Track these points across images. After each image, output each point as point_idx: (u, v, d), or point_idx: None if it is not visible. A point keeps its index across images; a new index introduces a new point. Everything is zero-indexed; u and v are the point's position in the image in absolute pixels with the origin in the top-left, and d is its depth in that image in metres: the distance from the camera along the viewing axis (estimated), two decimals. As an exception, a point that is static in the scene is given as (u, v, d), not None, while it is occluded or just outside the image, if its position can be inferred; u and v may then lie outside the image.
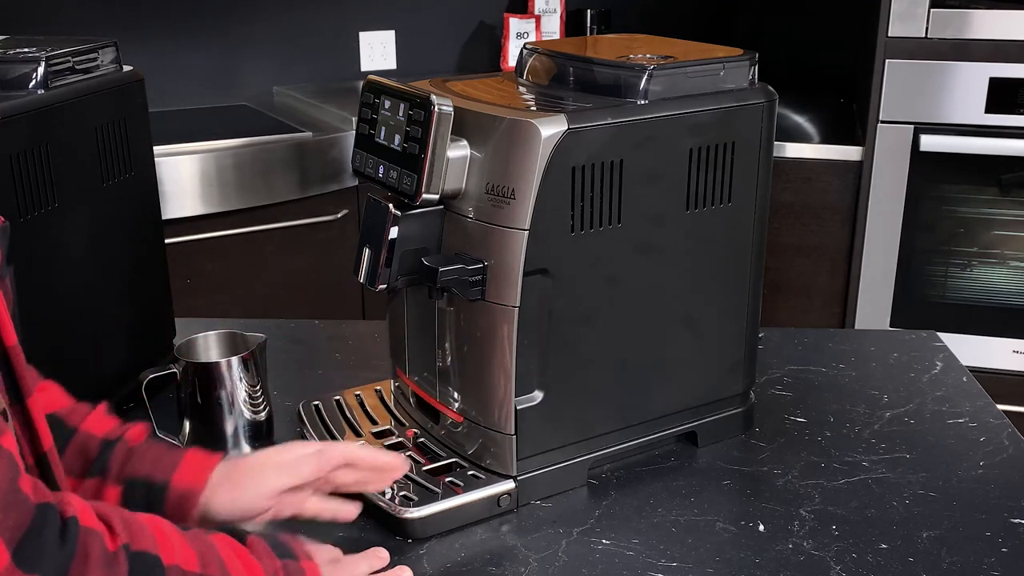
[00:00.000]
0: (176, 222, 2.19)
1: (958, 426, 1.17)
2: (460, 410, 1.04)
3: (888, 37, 2.24)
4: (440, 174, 0.94)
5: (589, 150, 0.94)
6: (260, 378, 1.08)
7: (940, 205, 2.33)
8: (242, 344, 1.10)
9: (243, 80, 2.86)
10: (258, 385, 1.08)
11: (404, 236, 0.97)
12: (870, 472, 1.07)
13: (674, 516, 1.00)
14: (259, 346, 1.08)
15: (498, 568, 0.92)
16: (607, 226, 0.97)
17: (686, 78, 1.01)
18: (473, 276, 0.95)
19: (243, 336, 1.11)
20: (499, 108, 0.96)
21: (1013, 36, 2.18)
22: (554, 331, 0.98)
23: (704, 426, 1.12)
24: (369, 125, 1.01)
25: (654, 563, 0.92)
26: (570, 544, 0.95)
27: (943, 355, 1.35)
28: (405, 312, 1.10)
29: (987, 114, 2.22)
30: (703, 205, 1.03)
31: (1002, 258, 2.35)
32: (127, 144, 1.18)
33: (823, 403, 1.22)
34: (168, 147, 2.18)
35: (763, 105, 1.04)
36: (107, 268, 1.16)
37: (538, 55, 1.09)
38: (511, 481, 1.01)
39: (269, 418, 1.11)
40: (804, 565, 0.92)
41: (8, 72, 1.05)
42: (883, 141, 2.30)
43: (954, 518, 0.99)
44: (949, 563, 0.92)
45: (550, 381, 1.00)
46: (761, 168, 1.06)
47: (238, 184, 2.28)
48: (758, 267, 1.10)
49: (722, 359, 1.11)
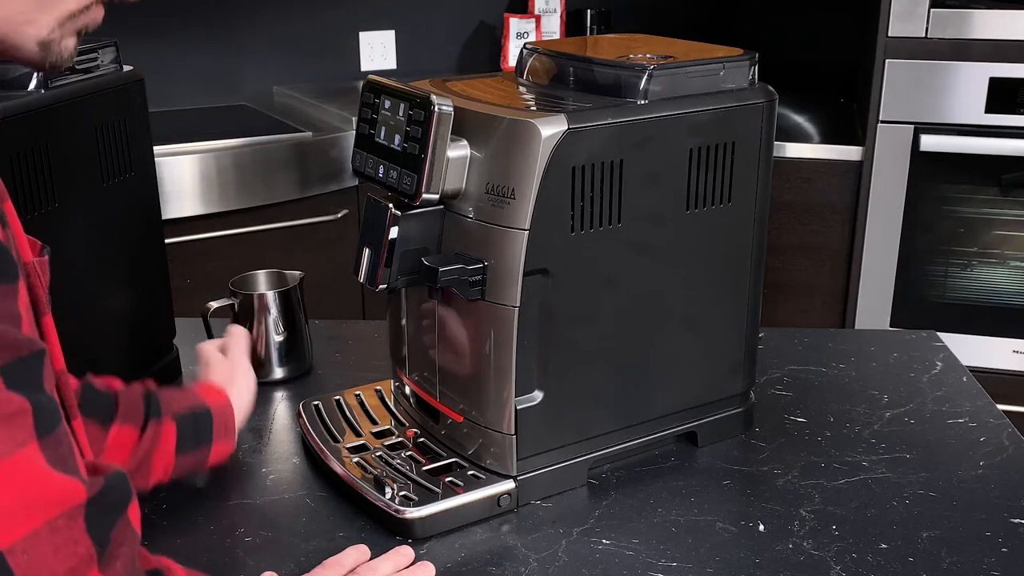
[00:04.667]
0: (176, 222, 2.19)
1: (958, 426, 1.17)
2: (460, 410, 1.04)
3: (888, 37, 2.24)
4: (440, 174, 0.94)
5: (589, 150, 0.94)
6: (300, 305, 1.30)
7: (940, 205, 2.33)
8: (283, 280, 1.34)
9: (243, 80, 2.86)
10: (300, 311, 1.30)
11: (404, 236, 0.97)
12: (870, 472, 1.07)
13: (674, 516, 1.00)
14: (299, 281, 1.31)
15: (498, 568, 0.92)
16: (607, 226, 0.97)
17: (686, 78, 1.01)
18: (473, 276, 0.95)
19: (282, 274, 1.34)
20: (499, 108, 0.96)
21: (1013, 36, 2.18)
22: (554, 331, 0.98)
23: (704, 426, 1.12)
24: (369, 125, 1.01)
25: (654, 563, 0.92)
26: (570, 544, 0.95)
27: (943, 355, 1.35)
28: (405, 312, 1.10)
29: (987, 114, 2.22)
30: (703, 205, 1.03)
31: (1002, 258, 2.35)
32: (127, 144, 1.18)
33: (823, 403, 1.22)
34: (168, 147, 2.18)
35: (763, 105, 1.04)
36: (107, 268, 1.16)
37: (538, 55, 1.09)
38: (511, 481, 1.01)
39: (306, 335, 1.32)
40: (804, 565, 0.92)
41: (8, 72, 1.05)
42: (883, 141, 2.30)
43: (954, 518, 0.99)
44: (949, 563, 0.92)
45: (550, 381, 1.00)
46: (761, 168, 1.06)
47: (238, 184, 2.28)
48: (758, 267, 1.10)
49: (722, 359, 1.11)
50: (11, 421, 0.54)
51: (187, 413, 1.00)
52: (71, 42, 0.68)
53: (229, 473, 1.08)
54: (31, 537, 0.54)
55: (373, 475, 1.02)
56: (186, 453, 0.99)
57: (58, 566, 0.55)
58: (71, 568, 0.56)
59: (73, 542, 0.56)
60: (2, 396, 0.54)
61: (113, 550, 0.59)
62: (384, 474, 1.02)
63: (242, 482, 1.07)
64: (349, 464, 1.05)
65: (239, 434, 1.06)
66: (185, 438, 0.99)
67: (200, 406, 1.01)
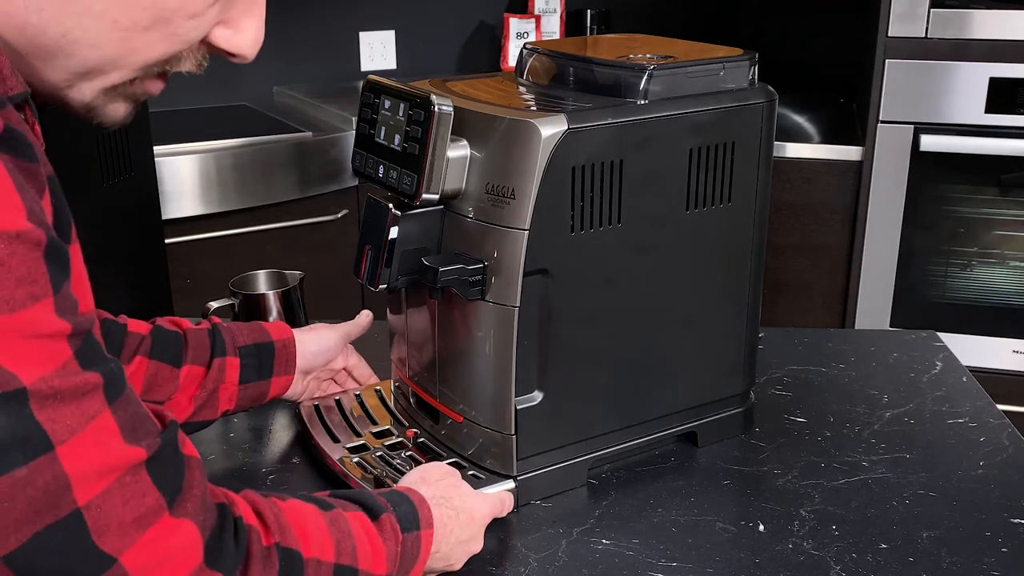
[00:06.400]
0: (176, 222, 2.19)
1: (958, 426, 1.17)
2: (460, 410, 1.04)
3: (888, 37, 2.24)
4: (440, 174, 0.94)
5: (589, 150, 0.94)
6: (300, 305, 1.31)
7: (940, 205, 2.33)
8: (284, 280, 1.35)
9: (243, 80, 2.86)
10: (300, 311, 1.31)
11: (404, 236, 0.97)
12: (870, 472, 1.07)
13: (674, 516, 1.00)
14: (299, 281, 1.32)
15: (498, 568, 0.92)
16: (607, 226, 0.97)
17: (686, 78, 1.01)
18: (473, 276, 0.95)
19: (282, 274, 1.35)
20: (499, 108, 0.96)
21: (1013, 36, 2.18)
22: (554, 331, 0.98)
23: (704, 426, 1.12)
24: (369, 125, 1.01)
25: (654, 563, 0.92)
26: (570, 544, 0.95)
27: (943, 355, 1.35)
28: (405, 312, 1.10)
29: (987, 114, 2.22)
30: (703, 205, 1.03)
31: (1002, 258, 2.35)
32: (127, 144, 1.18)
33: (823, 403, 1.22)
34: (168, 147, 2.18)
35: (763, 105, 1.04)
36: (107, 268, 1.16)
37: (538, 55, 1.09)
38: (511, 481, 1.01)
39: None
40: (804, 565, 0.92)
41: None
42: (883, 141, 2.30)
43: (954, 518, 0.99)
44: (949, 563, 0.92)
45: (550, 381, 1.00)
46: (761, 168, 1.06)
47: (238, 184, 2.28)
48: (758, 267, 1.10)
49: (722, 359, 1.11)
50: (87, 396, 0.60)
51: (251, 345, 1.08)
52: (121, 107, 0.71)
53: (229, 473, 1.08)
54: (103, 495, 0.60)
55: (373, 475, 1.02)
56: (248, 384, 1.08)
57: (127, 515, 0.61)
58: (140, 516, 0.62)
59: (141, 494, 0.62)
60: (80, 378, 0.59)
61: (183, 495, 0.65)
62: (384, 474, 1.02)
63: (242, 482, 1.07)
64: (349, 464, 1.05)
65: (239, 433, 1.06)
66: (248, 369, 1.08)
67: (264, 339, 1.10)
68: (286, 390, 1.13)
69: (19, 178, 0.57)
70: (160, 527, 0.63)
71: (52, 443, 0.58)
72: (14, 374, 0.56)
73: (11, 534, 0.58)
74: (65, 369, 0.59)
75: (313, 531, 0.75)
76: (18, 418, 0.56)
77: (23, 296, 0.57)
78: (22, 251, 0.57)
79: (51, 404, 0.58)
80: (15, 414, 0.56)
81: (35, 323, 0.57)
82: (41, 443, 0.57)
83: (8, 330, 0.56)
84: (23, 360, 0.57)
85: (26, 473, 0.57)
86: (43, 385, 0.57)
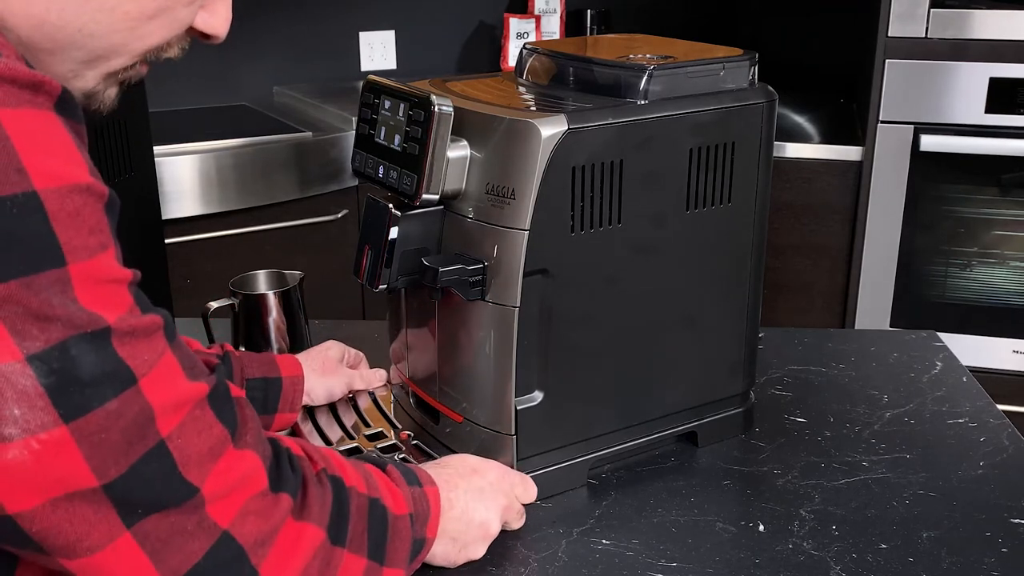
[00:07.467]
0: (176, 222, 2.19)
1: (958, 426, 1.17)
2: (460, 410, 1.04)
3: (888, 37, 2.24)
4: (440, 174, 0.94)
5: (589, 150, 0.94)
6: (300, 306, 1.31)
7: (940, 205, 2.33)
8: (283, 280, 1.34)
9: (243, 80, 2.86)
10: (300, 311, 1.31)
11: (404, 236, 0.97)
12: (870, 472, 1.07)
13: (674, 516, 1.00)
14: (299, 281, 1.31)
15: (498, 568, 0.92)
16: (607, 226, 0.97)
17: (686, 78, 1.01)
18: (473, 276, 0.95)
19: (282, 274, 1.35)
20: (499, 108, 0.96)
21: (1013, 36, 2.18)
22: (554, 331, 0.98)
23: (704, 426, 1.12)
24: (369, 125, 1.01)
25: (654, 563, 0.92)
26: (570, 544, 0.95)
27: (943, 355, 1.35)
28: (405, 312, 1.10)
29: (987, 114, 2.22)
30: (703, 205, 1.03)
31: (1002, 258, 2.35)
32: (127, 144, 1.18)
33: (823, 403, 1.22)
34: (168, 147, 2.18)
35: (763, 105, 1.04)
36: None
37: (538, 55, 1.09)
38: (511, 481, 1.01)
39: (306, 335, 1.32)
40: (804, 565, 0.92)
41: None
42: (883, 141, 2.30)
43: (954, 518, 0.99)
44: (949, 563, 0.92)
45: (550, 381, 1.00)
46: (761, 168, 1.06)
47: (238, 184, 2.28)
48: (758, 267, 1.10)
49: (722, 359, 1.11)
50: (153, 335, 0.65)
51: (259, 379, 1.09)
52: (113, 91, 0.74)
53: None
54: (180, 427, 0.65)
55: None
56: None
57: (202, 446, 0.66)
58: (211, 447, 0.67)
59: (209, 426, 0.67)
60: (143, 320, 0.64)
61: (241, 428, 0.70)
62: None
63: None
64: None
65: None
66: (253, 402, 1.07)
67: (273, 374, 1.11)
68: (289, 427, 1.14)
69: (75, 137, 0.62)
70: (228, 457, 0.68)
71: (136, 376, 0.62)
72: (99, 315, 0.61)
73: (111, 465, 0.62)
74: (132, 312, 0.64)
75: (346, 465, 0.81)
76: (105, 355, 0.61)
77: (95, 244, 0.62)
78: (91, 202, 0.62)
79: (129, 341, 0.62)
80: (102, 351, 0.61)
81: (108, 269, 0.63)
82: (127, 377, 0.62)
83: (87, 275, 0.61)
84: (102, 302, 0.61)
85: (117, 406, 0.61)
86: (122, 324, 0.62)
